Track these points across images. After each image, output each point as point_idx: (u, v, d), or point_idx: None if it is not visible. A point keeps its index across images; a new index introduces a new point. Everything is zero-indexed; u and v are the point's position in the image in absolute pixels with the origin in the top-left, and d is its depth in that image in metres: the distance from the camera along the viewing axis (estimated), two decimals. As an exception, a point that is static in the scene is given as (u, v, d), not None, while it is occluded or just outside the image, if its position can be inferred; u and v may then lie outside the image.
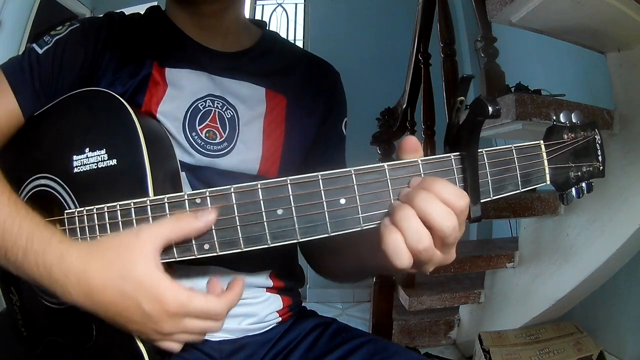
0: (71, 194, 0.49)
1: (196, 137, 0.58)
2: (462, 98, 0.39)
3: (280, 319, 0.66)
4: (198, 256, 0.41)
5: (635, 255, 1.26)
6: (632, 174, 1.16)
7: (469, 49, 2.66)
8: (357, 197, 0.39)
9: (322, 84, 0.70)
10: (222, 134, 0.59)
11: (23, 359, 0.57)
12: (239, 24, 0.67)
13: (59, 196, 0.50)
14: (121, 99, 0.49)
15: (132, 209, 0.42)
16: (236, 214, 0.39)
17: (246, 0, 0.70)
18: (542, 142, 0.44)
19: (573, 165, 0.45)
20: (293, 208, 0.39)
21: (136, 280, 0.40)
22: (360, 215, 0.39)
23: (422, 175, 0.39)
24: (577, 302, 1.45)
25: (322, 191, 0.39)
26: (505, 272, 1.59)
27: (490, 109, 0.36)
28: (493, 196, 0.41)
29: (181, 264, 0.58)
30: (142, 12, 0.66)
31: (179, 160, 0.56)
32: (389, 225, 0.37)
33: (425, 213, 0.36)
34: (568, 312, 1.49)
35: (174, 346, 0.45)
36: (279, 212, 0.39)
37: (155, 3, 0.66)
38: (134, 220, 0.42)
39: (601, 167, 0.47)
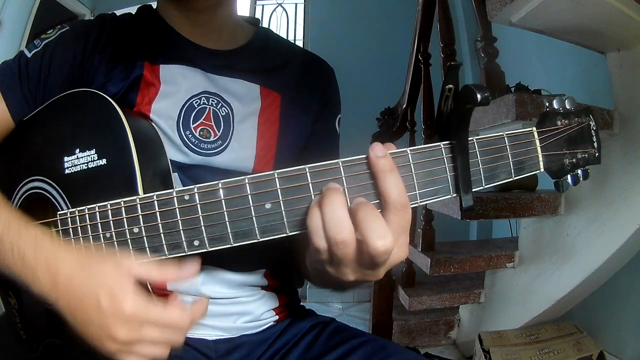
0: (63, 195, 0.49)
1: (190, 135, 0.58)
2: (451, 86, 0.38)
3: (277, 317, 0.66)
4: (188, 253, 0.41)
5: (635, 255, 1.26)
6: (632, 174, 1.16)
7: (469, 49, 2.66)
8: (346, 189, 0.38)
9: (316, 80, 0.69)
10: (217, 132, 0.59)
11: None
12: (233, 22, 0.66)
13: (52, 198, 0.50)
14: (109, 98, 0.49)
15: (123, 207, 0.42)
16: (224, 209, 0.39)
17: (246, 0, 0.70)
18: (534, 128, 0.43)
19: (567, 151, 0.44)
20: (281, 202, 0.38)
21: (103, 276, 0.39)
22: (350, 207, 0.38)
23: (412, 165, 0.39)
24: (577, 302, 1.45)
25: (310, 184, 0.38)
26: (505, 272, 1.59)
27: (478, 96, 0.35)
28: (485, 185, 0.41)
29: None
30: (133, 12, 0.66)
31: (173, 160, 0.56)
32: (315, 207, 0.36)
33: (362, 226, 0.35)
34: (568, 312, 1.49)
35: None
36: (267, 206, 0.38)
37: (155, 3, 0.66)
38: (125, 219, 0.42)
39: (597, 154, 0.45)
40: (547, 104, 0.45)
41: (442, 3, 1.69)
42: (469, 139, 0.40)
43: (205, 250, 0.41)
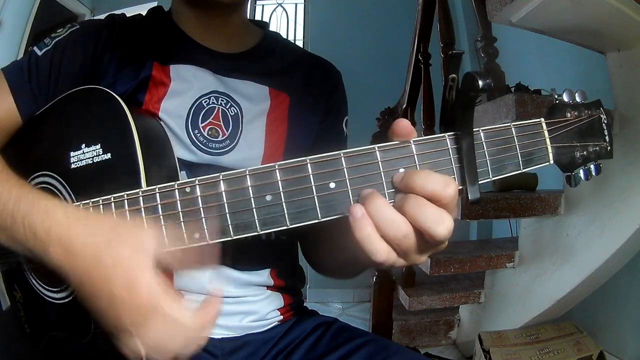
0: (69, 189, 0.49)
1: (198, 134, 0.58)
2: (454, 76, 0.38)
3: (281, 317, 0.66)
4: (189, 246, 0.41)
5: (635, 255, 1.26)
6: (632, 174, 1.16)
7: (469, 49, 2.66)
8: (347, 180, 0.38)
9: (323, 83, 0.70)
10: (225, 131, 0.60)
11: (27, 356, 0.57)
12: (243, 25, 0.67)
13: (58, 192, 0.50)
14: (115, 95, 0.49)
15: (125, 200, 0.42)
16: (225, 201, 0.39)
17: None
18: (542, 119, 0.42)
19: (578, 144, 0.43)
20: (282, 193, 0.38)
21: (118, 254, 0.37)
22: (351, 199, 0.38)
23: (415, 156, 0.38)
24: (577, 302, 1.45)
25: (311, 175, 0.38)
26: (505, 272, 1.59)
27: (480, 82, 0.35)
28: (493, 177, 0.40)
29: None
30: (143, 13, 0.67)
31: (181, 158, 0.56)
32: (360, 216, 0.35)
33: (416, 220, 0.34)
34: (568, 312, 1.49)
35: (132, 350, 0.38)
36: (268, 198, 0.38)
37: (156, 3, 0.66)
38: (127, 212, 0.42)
39: (609, 147, 0.44)
40: (556, 97, 0.44)
41: (442, 3, 1.69)
42: (475, 129, 0.39)
43: (206, 242, 0.40)
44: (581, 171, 0.44)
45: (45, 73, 0.57)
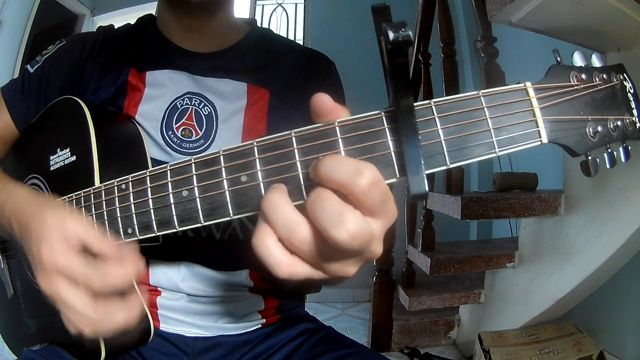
0: (49, 189, 0.56)
1: (172, 135, 0.59)
2: (383, 36, 0.30)
3: (263, 320, 0.65)
4: (125, 240, 0.41)
5: (635, 255, 1.26)
6: (632, 174, 1.16)
7: (469, 49, 2.66)
8: (260, 172, 0.33)
9: (311, 72, 0.68)
10: (199, 131, 0.60)
11: (26, 340, 0.61)
12: (227, 25, 0.66)
13: (41, 192, 0.56)
14: (81, 102, 0.53)
15: (82, 197, 0.45)
16: (150, 196, 0.38)
17: (246, 0, 0.70)
18: (528, 83, 0.33)
19: (590, 117, 0.32)
20: (196, 188, 0.36)
21: (42, 222, 0.38)
22: (264, 193, 0.33)
23: (340, 140, 0.31)
24: (577, 302, 1.45)
25: (223, 168, 0.34)
26: (505, 272, 1.59)
27: (391, 34, 0.27)
28: (451, 163, 0.31)
29: (155, 260, 0.59)
30: (140, 14, 0.69)
31: (157, 159, 0.58)
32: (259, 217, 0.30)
33: (313, 218, 0.27)
34: (568, 312, 1.49)
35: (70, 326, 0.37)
36: (184, 193, 0.36)
37: (155, 4, 0.67)
38: (83, 208, 0.45)
39: (638, 124, 0.34)
40: (558, 58, 0.34)
41: (442, 3, 1.70)
42: (425, 102, 0.32)
43: (136, 238, 0.40)
44: (605, 155, 0.34)
45: (35, 88, 0.63)
